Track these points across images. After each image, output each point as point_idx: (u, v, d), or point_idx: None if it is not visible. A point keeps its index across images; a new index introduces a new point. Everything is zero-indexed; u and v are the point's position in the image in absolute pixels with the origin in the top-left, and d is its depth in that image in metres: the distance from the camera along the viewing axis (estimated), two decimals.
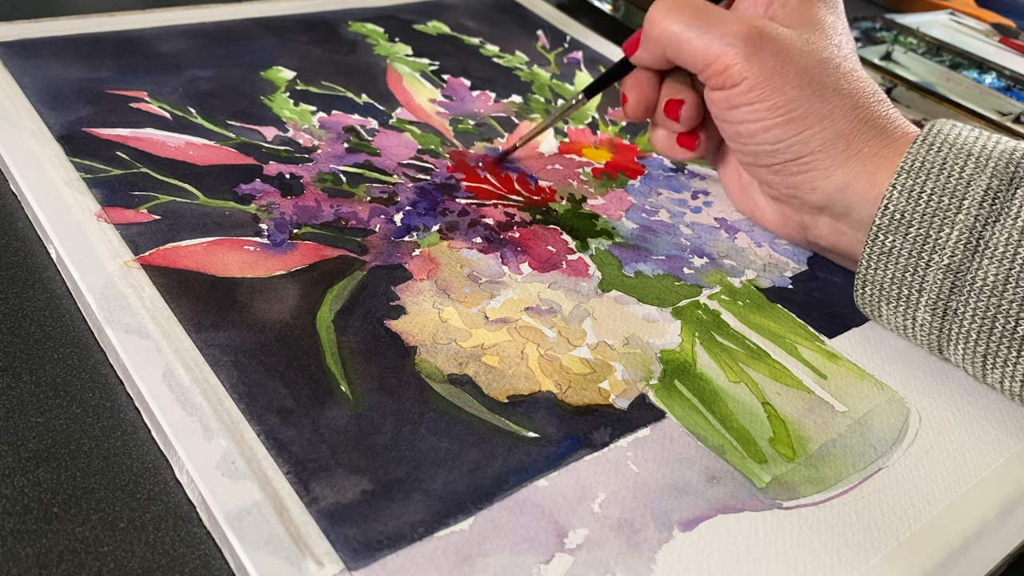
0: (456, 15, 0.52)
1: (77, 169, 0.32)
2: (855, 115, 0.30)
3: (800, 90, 0.29)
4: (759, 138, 0.31)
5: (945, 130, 0.28)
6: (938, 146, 0.28)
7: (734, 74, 0.30)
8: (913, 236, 0.27)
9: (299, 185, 0.34)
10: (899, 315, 0.29)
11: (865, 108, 0.30)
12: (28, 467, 0.22)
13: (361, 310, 0.28)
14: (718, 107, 0.32)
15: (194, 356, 0.25)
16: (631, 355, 0.28)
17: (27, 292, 0.28)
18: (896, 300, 0.28)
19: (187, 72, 0.40)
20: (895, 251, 0.28)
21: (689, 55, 0.31)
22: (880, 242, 0.28)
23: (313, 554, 0.20)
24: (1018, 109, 0.49)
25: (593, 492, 0.23)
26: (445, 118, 0.41)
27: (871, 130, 0.30)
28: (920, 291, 0.27)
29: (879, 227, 0.28)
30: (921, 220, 0.27)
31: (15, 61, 0.38)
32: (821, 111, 0.29)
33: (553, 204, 0.36)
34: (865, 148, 0.29)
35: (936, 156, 0.28)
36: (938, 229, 0.27)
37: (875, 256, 0.28)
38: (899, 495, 0.25)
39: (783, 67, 0.29)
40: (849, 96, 0.30)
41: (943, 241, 0.27)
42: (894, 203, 0.28)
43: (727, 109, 0.31)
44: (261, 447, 0.23)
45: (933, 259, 0.27)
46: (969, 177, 0.27)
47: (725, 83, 0.30)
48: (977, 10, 0.67)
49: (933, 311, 0.27)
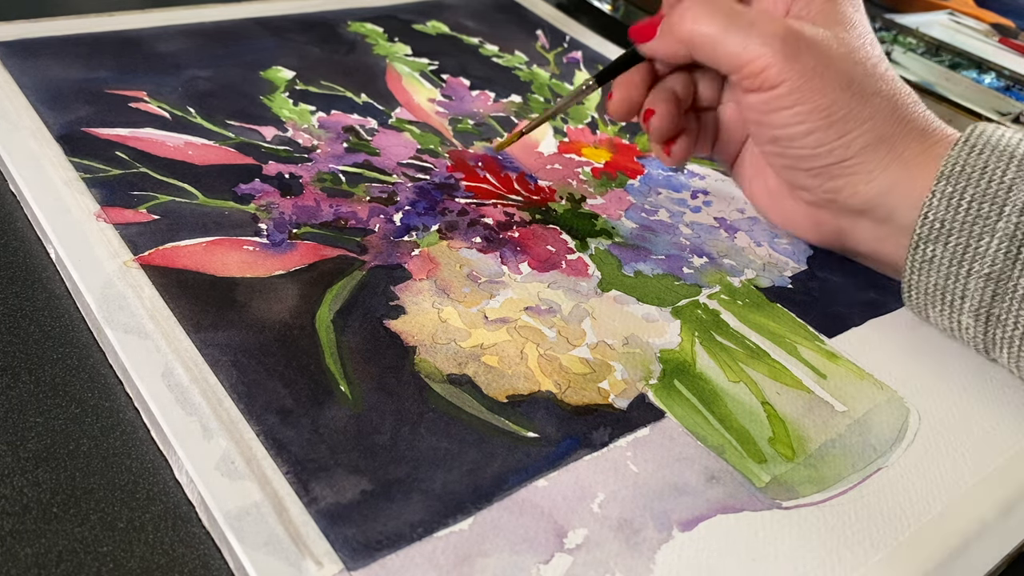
0: (455, 15, 0.52)
1: (76, 169, 0.32)
2: (895, 117, 0.29)
3: (842, 92, 0.29)
4: (800, 142, 0.30)
5: (988, 132, 0.28)
6: (980, 148, 0.27)
7: (772, 76, 0.29)
8: (953, 245, 0.27)
9: (298, 185, 0.34)
10: (945, 319, 0.29)
11: (904, 109, 0.29)
12: (27, 467, 0.22)
13: (360, 310, 0.28)
14: (756, 111, 0.30)
15: (193, 356, 0.25)
16: (630, 355, 0.28)
17: (26, 292, 0.28)
18: (941, 304, 0.28)
19: (186, 72, 0.40)
20: (936, 259, 0.27)
21: (724, 57, 0.30)
22: (921, 251, 0.28)
23: (312, 554, 0.20)
24: (1017, 109, 0.49)
25: (592, 492, 0.23)
26: (444, 118, 0.41)
27: (911, 132, 0.29)
28: (963, 298, 0.27)
29: (919, 236, 0.28)
30: (961, 228, 0.27)
31: (14, 61, 0.38)
32: (863, 114, 0.29)
33: (552, 204, 0.36)
34: (906, 151, 0.29)
35: (977, 159, 0.27)
36: (978, 237, 0.27)
37: (917, 264, 0.28)
38: (899, 495, 0.25)
39: (824, 69, 0.29)
40: (888, 98, 0.29)
41: (983, 250, 0.26)
42: (934, 211, 0.27)
43: (765, 113, 0.30)
44: (260, 447, 0.23)
45: (974, 268, 0.27)
46: (1011, 182, 0.26)
47: (763, 85, 0.29)
48: (976, 10, 0.67)
49: (976, 317, 0.27)
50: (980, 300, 0.27)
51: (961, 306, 0.28)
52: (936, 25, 0.61)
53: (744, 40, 0.29)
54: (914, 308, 0.30)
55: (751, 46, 0.29)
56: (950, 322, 0.29)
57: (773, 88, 0.29)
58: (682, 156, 0.34)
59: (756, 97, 0.30)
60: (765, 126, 0.31)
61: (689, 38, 0.30)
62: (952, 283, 0.27)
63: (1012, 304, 0.26)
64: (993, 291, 0.27)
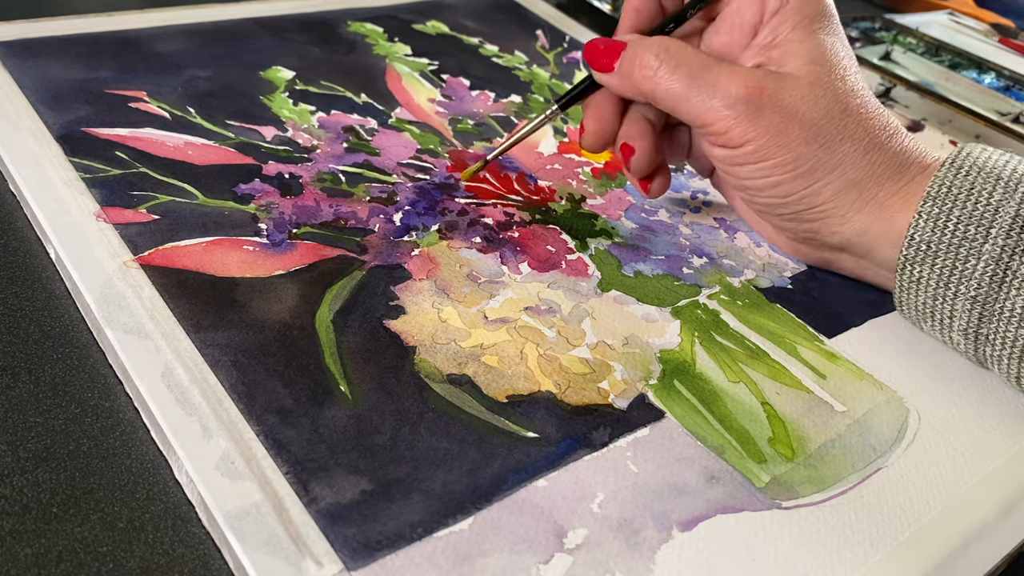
0: (455, 15, 0.52)
1: (76, 169, 0.32)
2: (867, 160, 0.29)
3: (806, 146, 0.28)
4: (767, 192, 0.30)
5: (975, 153, 0.28)
6: (966, 170, 0.27)
7: (736, 136, 0.29)
8: (940, 267, 0.27)
9: (298, 185, 0.34)
10: (936, 333, 0.29)
11: (878, 149, 0.29)
12: (27, 467, 0.22)
13: (360, 310, 0.28)
14: (721, 163, 0.30)
15: (193, 356, 0.25)
16: (630, 355, 0.28)
17: (26, 292, 0.28)
18: (931, 321, 0.28)
19: (186, 72, 0.40)
20: (923, 280, 0.27)
21: (686, 114, 0.29)
22: (909, 272, 0.28)
23: (312, 554, 0.20)
24: (1017, 109, 0.49)
25: (592, 492, 0.23)
26: (444, 118, 0.41)
27: (885, 171, 0.29)
28: (951, 318, 0.27)
29: (906, 257, 0.28)
30: (947, 250, 0.27)
31: (14, 61, 0.38)
32: (830, 163, 0.28)
33: (552, 204, 0.36)
34: (880, 192, 0.29)
35: (964, 180, 0.27)
36: (964, 260, 0.26)
37: (905, 284, 0.28)
38: (898, 495, 0.25)
39: (787, 125, 0.28)
40: (859, 140, 0.29)
41: (969, 272, 0.26)
42: (920, 232, 0.27)
43: (731, 166, 0.30)
44: (260, 447, 0.23)
45: (960, 290, 0.27)
46: (997, 204, 0.26)
47: (727, 144, 0.29)
48: (976, 10, 0.67)
49: (965, 336, 0.28)
50: (968, 321, 0.27)
51: (951, 324, 0.28)
52: (936, 25, 0.61)
53: (708, 100, 0.29)
54: (908, 320, 0.30)
55: (714, 106, 0.28)
56: (942, 336, 0.29)
57: (738, 147, 0.29)
58: (660, 192, 0.34)
59: (721, 152, 0.30)
60: (732, 176, 0.30)
61: (652, 91, 0.30)
62: (940, 304, 0.27)
63: (999, 325, 0.26)
64: (980, 313, 0.27)
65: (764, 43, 0.30)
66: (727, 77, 0.29)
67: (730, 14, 0.31)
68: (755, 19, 0.30)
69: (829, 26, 0.30)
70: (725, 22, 0.31)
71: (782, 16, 0.29)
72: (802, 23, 0.29)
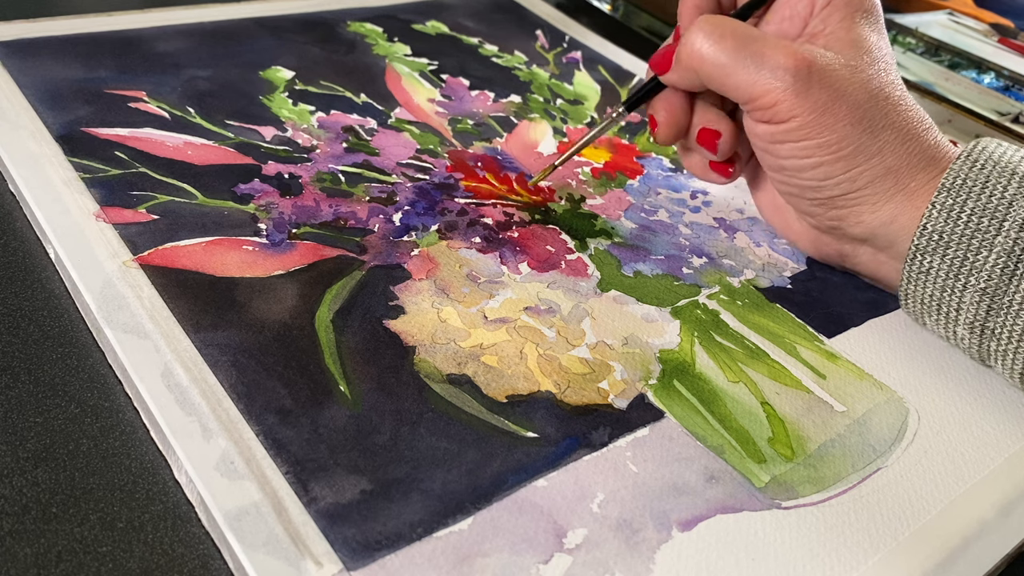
0: (455, 15, 0.52)
1: (76, 169, 0.32)
2: (904, 149, 0.29)
3: (852, 127, 0.28)
4: (806, 174, 0.30)
5: (991, 148, 0.28)
6: (981, 163, 0.27)
7: (783, 111, 0.28)
8: (951, 257, 0.27)
9: (298, 185, 0.34)
10: (940, 328, 0.29)
11: (914, 140, 0.29)
12: (26, 467, 0.22)
13: (360, 310, 0.28)
14: (763, 140, 0.30)
15: (193, 356, 0.25)
16: (630, 355, 0.28)
17: (26, 292, 0.28)
18: (936, 315, 0.28)
19: (186, 72, 0.40)
20: (932, 271, 0.27)
21: (733, 88, 0.29)
22: (919, 262, 0.28)
23: (312, 554, 0.20)
24: (1017, 109, 0.49)
25: (592, 492, 0.23)
26: (444, 118, 0.41)
27: (919, 162, 0.29)
28: (958, 310, 0.27)
29: (917, 247, 0.28)
30: (959, 241, 0.27)
31: (14, 61, 0.38)
32: (872, 148, 0.28)
33: (552, 204, 0.36)
34: (912, 182, 0.29)
35: (979, 174, 0.27)
36: (976, 251, 0.27)
37: (914, 275, 0.28)
38: (898, 495, 0.25)
39: (834, 103, 0.28)
40: (899, 129, 0.29)
41: (980, 264, 0.26)
42: (933, 222, 0.27)
43: (773, 143, 0.30)
44: (260, 447, 0.23)
45: (970, 281, 0.27)
46: (1011, 198, 0.26)
47: (772, 118, 0.29)
48: (976, 10, 0.67)
49: (971, 329, 0.27)
50: (975, 313, 0.27)
51: (956, 318, 0.28)
52: (935, 25, 0.61)
53: (755, 72, 0.28)
54: (910, 315, 0.30)
55: (761, 78, 0.28)
56: (945, 331, 0.29)
57: (783, 122, 0.29)
58: (740, 173, 0.34)
59: (765, 128, 0.29)
60: (772, 155, 0.30)
61: (699, 66, 0.30)
62: (948, 296, 0.27)
63: (1007, 319, 0.26)
64: (988, 305, 0.27)
65: (813, 32, 0.30)
66: (774, 49, 0.28)
67: (781, 5, 0.31)
68: (806, 11, 0.31)
69: (876, 23, 0.31)
70: (776, 13, 0.32)
71: (832, 7, 0.30)
72: (851, 15, 0.30)
